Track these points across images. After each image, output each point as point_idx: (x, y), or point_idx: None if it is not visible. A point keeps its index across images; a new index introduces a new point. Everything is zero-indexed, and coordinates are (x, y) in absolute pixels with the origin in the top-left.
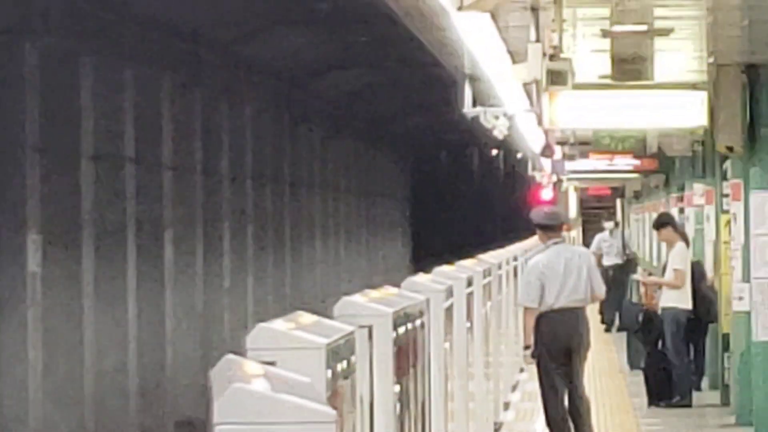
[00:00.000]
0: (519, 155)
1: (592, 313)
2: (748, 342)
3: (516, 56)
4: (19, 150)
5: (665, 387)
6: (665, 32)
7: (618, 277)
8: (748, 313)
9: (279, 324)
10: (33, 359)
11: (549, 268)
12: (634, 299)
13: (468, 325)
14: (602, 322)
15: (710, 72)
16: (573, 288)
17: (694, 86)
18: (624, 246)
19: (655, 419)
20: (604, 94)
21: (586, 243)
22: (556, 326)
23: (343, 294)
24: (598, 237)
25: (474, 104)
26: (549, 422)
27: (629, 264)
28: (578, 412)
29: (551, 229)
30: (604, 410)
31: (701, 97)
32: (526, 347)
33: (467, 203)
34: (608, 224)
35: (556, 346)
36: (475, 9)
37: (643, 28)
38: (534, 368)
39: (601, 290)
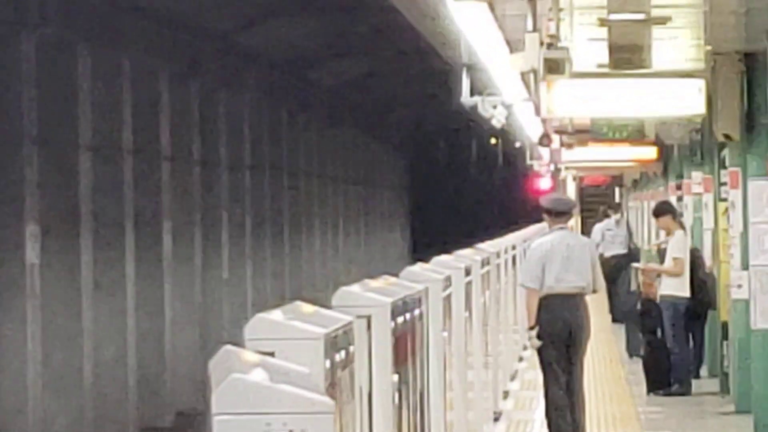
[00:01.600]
0: (517, 144)
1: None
2: (747, 330)
3: (513, 45)
4: (17, 142)
5: (664, 375)
6: (663, 21)
7: (622, 268)
8: (747, 301)
9: (277, 314)
10: (32, 351)
11: (551, 251)
12: (632, 287)
13: (467, 314)
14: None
15: (708, 60)
16: (575, 274)
17: (691, 74)
18: (630, 236)
19: (654, 407)
20: (602, 82)
21: (585, 231)
22: (556, 312)
23: (341, 284)
24: (597, 226)
25: (472, 94)
26: (548, 409)
27: (633, 254)
28: (573, 403)
29: (560, 215)
30: (603, 398)
31: (699, 86)
32: (530, 328)
33: (465, 192)
34: (615, 215)
35: (555, 332)
36: None
37: (641, 16)
38: (533, 357)
39: (600, 286)
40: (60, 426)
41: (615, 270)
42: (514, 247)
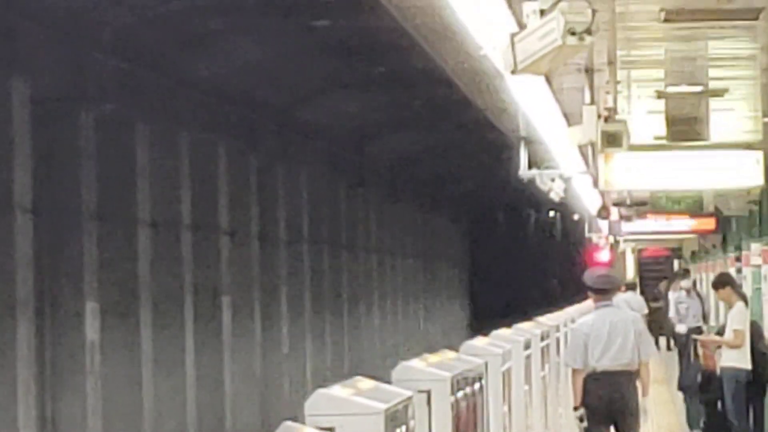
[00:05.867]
0: (575, 217)
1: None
2: None
3: (571, 118)
4: (77, 217)
5: None
6: (720, 93)
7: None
8: None
9: (337, 389)
10: (92, 427)
11: (593, 330)
12: (693, 359)
13: (526, 387)
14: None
15: (765, 131)
16: (618, 351)
17: (749, 146)
18: (703, 306)
19: None
20: (660, 155)
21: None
22: (597, 389)
23: (401, 358)
24: (672, 297)
25: (530, 166)
26: None
27: (706, 324)
28: None
29: (602, 292)
30: None
31: (757, 157)
32: (575, 408)
33: (525, 265)
34: (685, 282)
35: (597, 409)
36: (529, 72)
37: (698, 89)
38: None
39: (649, 356)
40: None
41: (685, 345)
42: (573, 320)
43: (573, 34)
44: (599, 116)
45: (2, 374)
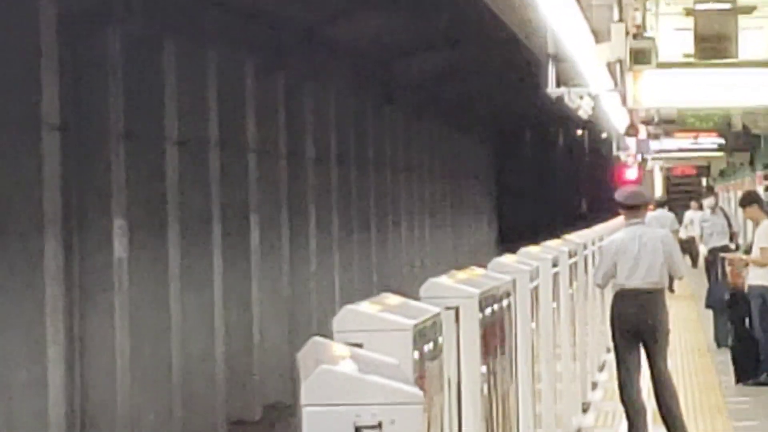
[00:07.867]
0: (603, 135)
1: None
2: None
3: (599, 36)
4: (104, 137)
5: (752, 365)
6: (749, 10)
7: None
8: None
9: (365, 306)
10: (120, 345)
11: (623, 247)
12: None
13: (554, 305)
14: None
15: None
16: (647, 269)
17: None
18: (729, 223)
19: (743, 397)
20: (688, 72)
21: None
22: (625, 307)
23: (429, 275)
24: (696, 218)
25: (558, 84)
26: (623, 400)
27: (734, 243)
28: (662, 397)
29: (633, 208)
30: (691, 389)
31: None
32: None
33: (552, 183)
34: (708, 201)
35: (625, 327)
36: None
37: (727, 6)
38: None
39: (680, 273)
40: (148, 419)
41: (713, 264)
42: (601, 238)
43: None
44: (628, 33)
45: (31, 292)
